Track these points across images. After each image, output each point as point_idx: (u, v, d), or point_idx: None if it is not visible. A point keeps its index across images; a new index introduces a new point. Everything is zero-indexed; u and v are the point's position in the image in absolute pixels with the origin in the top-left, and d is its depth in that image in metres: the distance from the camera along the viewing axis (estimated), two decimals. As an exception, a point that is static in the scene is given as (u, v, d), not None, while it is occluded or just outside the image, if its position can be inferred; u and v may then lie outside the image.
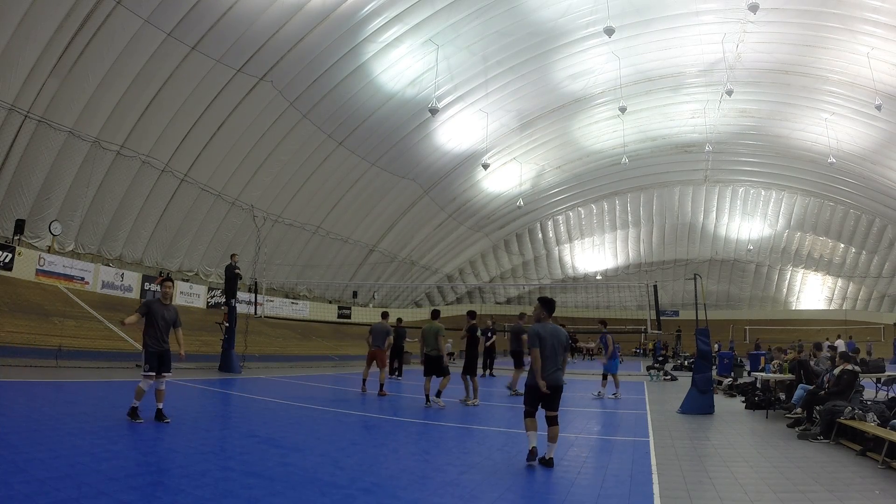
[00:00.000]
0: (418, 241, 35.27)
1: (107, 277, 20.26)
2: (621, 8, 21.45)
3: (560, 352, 5.80)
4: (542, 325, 5.85)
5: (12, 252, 17.24)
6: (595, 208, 42.75)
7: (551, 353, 5.70)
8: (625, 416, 9.93)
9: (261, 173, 23.36)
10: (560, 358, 5.80)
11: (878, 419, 6.80)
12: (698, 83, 28.18)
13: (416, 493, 4.56)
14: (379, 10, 19.73)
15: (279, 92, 20.53)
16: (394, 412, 9.47)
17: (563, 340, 5.84)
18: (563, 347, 5.84)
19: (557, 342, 5.78)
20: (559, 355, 5.78)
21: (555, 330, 5.85)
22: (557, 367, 5.75)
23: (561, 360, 5.82)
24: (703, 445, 7.20)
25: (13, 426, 5.86)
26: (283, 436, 6.71)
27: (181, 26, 16.74)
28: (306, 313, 29.97)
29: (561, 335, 5.85)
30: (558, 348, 5.78)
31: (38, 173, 17.47)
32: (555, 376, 5.72)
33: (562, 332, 5.92)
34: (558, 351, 5.77)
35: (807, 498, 4.76)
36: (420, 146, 27.83)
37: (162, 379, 6.80)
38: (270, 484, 4.49)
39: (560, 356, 5.80)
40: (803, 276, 44.41)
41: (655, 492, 4.81)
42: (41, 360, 11.25)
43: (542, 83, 26.89)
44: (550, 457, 5.58)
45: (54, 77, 16.03)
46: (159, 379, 6.78)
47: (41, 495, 3.78)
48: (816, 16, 22.11)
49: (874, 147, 29.22)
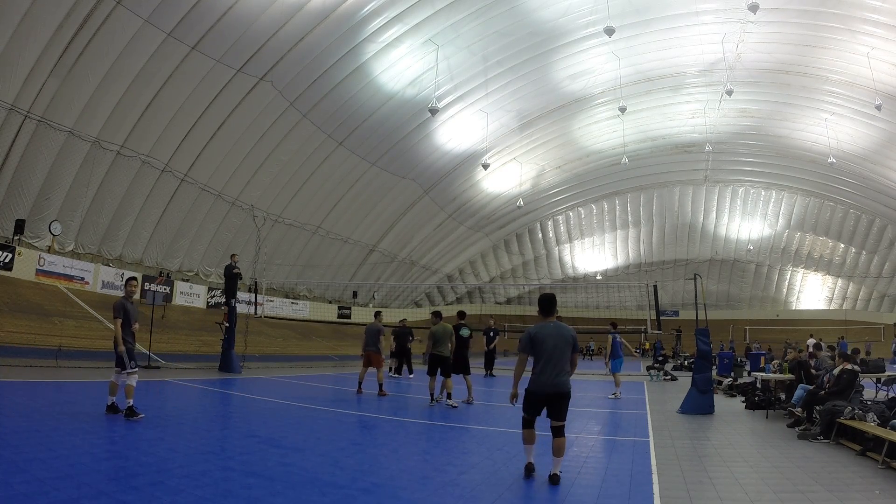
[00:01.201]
0: (418, 241, 35.28)
1: (107, 277, 20.25)
2: (621, 8, 21.46)
3: (566, 353, 5.10)
4: (541, 325, 5.22)
5: (12, 252, 17.24)
6: (595, 208, 42.77)
7: (553, 354, 5.03)
8: (625, 416, 9.93)
9: (261, 173, 23.36)
10: (565, 360, 5.10)
11: (878, 419, 6.80)
12: (698, 83, 28.20)
13: (417, 493, 4.56)
14: (379, 10, 19.74)
15: (279, 92, 20.53)
16: (394, 412, 9.47)
17: (568, 339, 5.13)
18: (569, 347, 5.13)
19: (563, 342, 5.08)
20: (564, 357, 5.09)
21: (557, 329, 5.16)
22: (562, 371, 5.05)
23: (567, 363, 5.12)
24: (703, 445, 7.20)
25: (13, 426, 5.85)
26: (283, 436, 6.70)
27: (181, 26, 16.74)
28: (306, 313, 29.97)
29: (565, 333, 5.15)
30: (564, 349, 5.08)
31: (38, 173, 17.46)
32: (557, 381, 5.02)
33: (566, 330, 5.20)
34: (564, 352, 5.08)
35: (807, 498, 4.76)
36: (420, 146, 27.83)
37: (133, 375, 6.89)
38: (270, 484, 4.49)
39: (565, 358, 5.10)
40: (803, 276, 44.44)
41: (655, 492, 4.80)
42: (41, 360, 11.25)
43: (542, 83, 26.90)
44: (555, 473, 4.95)
45: (54, 77, 16.02)
46: (132, 375, 6.87)
47: (41, 495, 3.77)
48: (816, 16, 22.12)
49: (874, 147, 29.23)
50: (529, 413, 5.11)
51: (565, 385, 5.08)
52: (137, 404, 6.80)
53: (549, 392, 5.03)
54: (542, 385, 5.05)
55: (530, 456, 5.15)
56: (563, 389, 5.07)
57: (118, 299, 7.22)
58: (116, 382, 6.92)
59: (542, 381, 5.05)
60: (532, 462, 5.13)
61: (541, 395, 5.05)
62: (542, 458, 5.68)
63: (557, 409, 5.04)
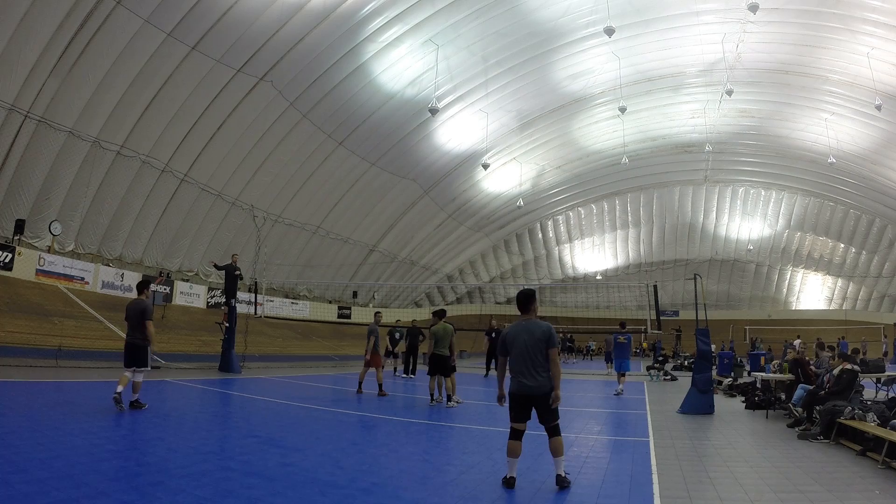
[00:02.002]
0: (418, 241, 35.27)
1: (107, 277, 20.26)
2: (621, 8, 21.46)
3: (538, 351, 4.73)
4: (514, 324, 4.95)
5: (12, 252, 17.24)
6: (595, 208, 42.77)
7: (524, 353, 4.75)
8: (625, 416, 9.93)
9: (261, 173, 23.35)
10: (538, 358, 4.73)
11: (878, 419, 6.81)
12: (698, 83, 28.20)
13: (417, 493, 4.56)
14: (379, 10, 19.74)
15: (279, 92, 20.53)
16: (394, 412, 9.47)
17: (539, 337, 4.75)
18: (542, 344, 4.75)
19: (533, 340, 4.74)
20: (536, 355, 4.73)
21: (528, 326, 4.84)
22: (536, 370, 4.72)
23: (541, 361, 4.73)
24: (703, 445, 7.20)
25: (13, 426, 5.85)
26: (283, 436, 6.71)
27: (181, 26, 16.74)
28: (306, 313, 29.96)
29: (536, 330, 4.78)
30: (535, 346, 4.73)
31: (38, 173, 17.46)
32: (531, 382, 4.72)
33: (538, 326, 4.83)
34: (535, 350, 4.73)
35: (807, 498, 4.76)
36: (420, 146, 27.83)
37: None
38: (270, 484, 4.49)
39: (538, 356, 4.73)
40: (803, 276, 44.44)
41: (655, 492, 4.80)
42: (41, 360, 11.25)
43: (542, 83, 26.90)
44: (559, 473, 4.75)
45: (54, 77, 16.02)
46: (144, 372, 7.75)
47: (41, 495, 3.77)
48: (816, 16, 22.12)
49: (874, 147, 29.23)
50: (515, 418, 4.81)
51: (541, 385, 4.72)
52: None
53: (526, 393, 4.76)
54: (518, 385, 4.81)
55: (512, 470, 4.78)
56: (540, 391, 4.72)
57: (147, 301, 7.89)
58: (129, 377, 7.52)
59: (517, 382, 4.81)
60: (514, 476, 4.75)
61: (519, 397, 4.80)
62: (543, 458, 5.69)
63: (542, 411, 4.77)
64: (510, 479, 4.76)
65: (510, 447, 4.81)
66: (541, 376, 4.74)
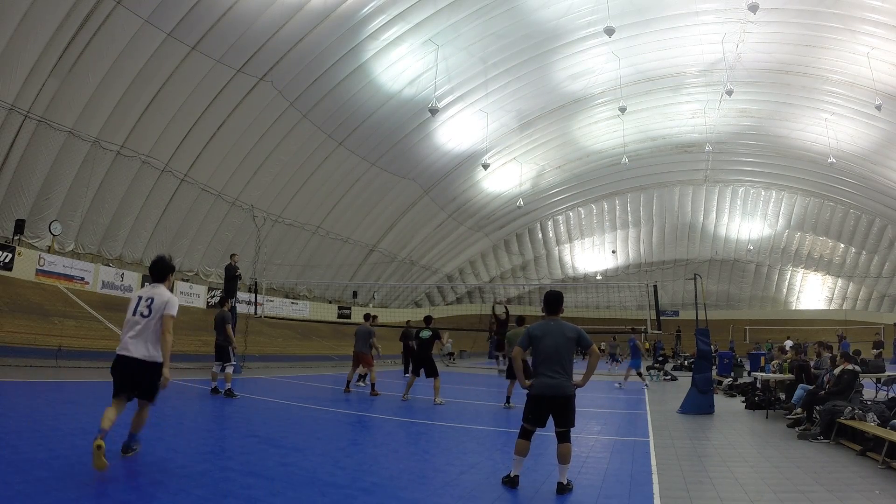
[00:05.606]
0: (418, 241, 35.26)
1: (107, 277, 20.25)
2: (621, 8, 21.46)
3: (568, 351, 4.78)
4: (541, 323, 4.96)
5: (12, 252, 17.23)
6: (595, 208, 42.77)
7: (552, 354, 4.74)
8: (625, 416, 9.93)
9: (261, 173, 23.35)
10: (566, 360, 4.75)
11: (878, 419, 6.81)
12: (698, 83, 28.20)
13: (417, 493, 4.56)
14: (379, 10, 19.73)
15: (279, 92, 20.52)
16: (394, 412, 9.47)
17: (570, 337, 4.79)
18: (572, 343, 4.80)
19: (564, 340, 4.76)
20: (566, 356, 4.76)
21: (558, 327, 4.84)
22: (562, 372, 4.72)
23: (569, 364, 4.77)
24: (703, 445, 7.20)
25: (13, 426, 5.85)
26: (283, 436, 6.70)
27: (181, 26, 16.73)
28: (306, 313, 29.94)
29: (567, 331, 4.81)
30: (565, 347, 4.76)
31: (38, 173, 17.45)
32: (555, 383, 4.70)
33: (568, 327, 4.85)
34: (565, 351, 4.76)
35: (807, 498, 4.76)
36: (420, 146, 27.82)
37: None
38: (270, 484, 4.49)
39: (567, 357, 4.77)
40: (803, 276, 44.44)
41: (655, 492, 4.80)
42: (41, 360, 11.24)
43: (542, 83, 26.90)
44: (561, 481, 4.68)
45: (54, 77, 16.01)
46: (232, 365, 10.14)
47: (41, 495, 3.77)
48: (816, 16, 22.12)
49: (874, 147, 29.23)
50: (530, 421, 4.76)
51: (565, 388, 4.71)
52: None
53: (548, 395, 4.72)
54: (540, 387, 4.76)
55: (517, 468, 4.74)
56: (564, 392, 4.70)
57: (227, 312, 10.24)
58: (217, 372, 9.76)
59: (540, 383, 4.76)
60: (517, 475, 4.73)
61: (540, 399, 4.74)
62: (543, 458, 5.68)
63: (560, 415, 4.71)
64: (514, 477, 4.74)
65: (519, 445, 4.78)
66: (564, 378, 4.76)
